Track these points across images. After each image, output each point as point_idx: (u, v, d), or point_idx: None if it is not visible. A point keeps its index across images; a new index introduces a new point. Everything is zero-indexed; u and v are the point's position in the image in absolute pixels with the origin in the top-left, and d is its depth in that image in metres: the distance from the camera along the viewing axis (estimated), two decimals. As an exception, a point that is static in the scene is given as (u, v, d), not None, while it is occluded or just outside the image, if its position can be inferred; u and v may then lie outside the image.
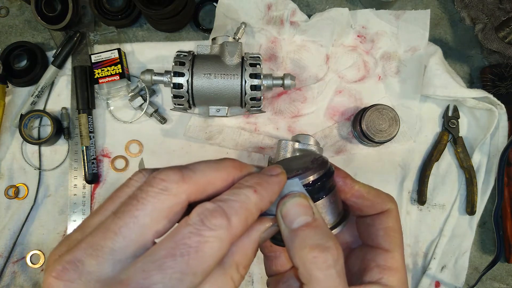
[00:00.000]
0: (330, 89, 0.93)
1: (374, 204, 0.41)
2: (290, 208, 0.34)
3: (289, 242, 0.33)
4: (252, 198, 0.31)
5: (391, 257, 0.38)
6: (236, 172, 0.33)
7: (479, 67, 0.98)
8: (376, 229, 0.40)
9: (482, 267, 0.91)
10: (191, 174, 0.30)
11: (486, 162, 0.92)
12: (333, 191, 0.38)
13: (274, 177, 0.34)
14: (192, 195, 0.30)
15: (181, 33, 0.98)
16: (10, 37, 0.99)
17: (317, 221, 0.33)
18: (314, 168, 0.36)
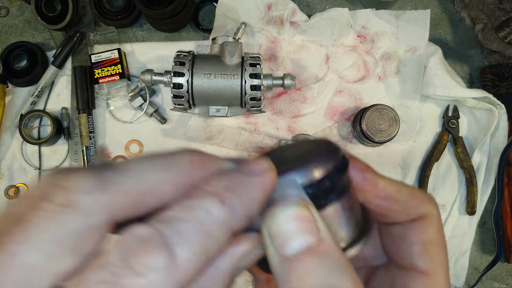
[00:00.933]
0: (330, 89, 0.93)
1: (406, 208, 0.29)
2: (282, 223, 0.22)
3: (281, 278, 0.21)
4: (217, 214, 0.20)
5: (432, 283, 0.27)
6: (197, 171, 0.22)
7: (479, 67, 0.98)
8: (410, 243, 0.28)
9: (482, 267, 0.91)
10: (116, 178, 0.20)
11: (486, 162, 0.92)
12: (348, 193, 0.27)
13: (256, 177, 0.22)
14: (119, 212, 0.19)
15: (181, 33, 0.98)
16: (10, 37, 0.99)
17: (325, 243, 0.22)
18: (319, 159, 0.25)
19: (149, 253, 0.18)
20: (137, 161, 0.21)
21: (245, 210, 0.21)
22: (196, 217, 0.19)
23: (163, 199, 0.21)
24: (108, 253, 0.18)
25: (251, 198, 0.21)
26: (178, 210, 0.20)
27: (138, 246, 0.18)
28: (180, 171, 0.21)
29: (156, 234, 0.18)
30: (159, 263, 0.17)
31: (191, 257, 0.18)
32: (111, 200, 0.19)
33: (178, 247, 0.18)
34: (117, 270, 0.17)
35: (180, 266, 0.18)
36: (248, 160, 0.23)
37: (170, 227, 0.19)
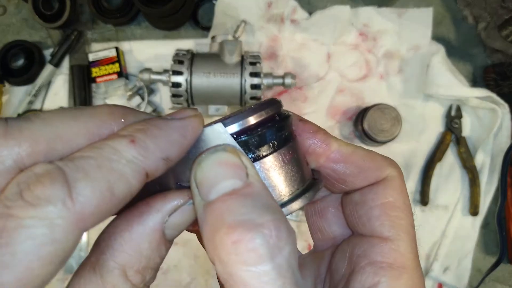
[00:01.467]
0: (331, 88, 0.92)
1: (363, 172, 0.27)
2: (207, 170, 0.21)
3: (202, 223, 0.20)
4: (125, 152, 0.19)
5: (392, 248, 0.25)
6: (114, 121, 0.21)
7: (482, 66, 0.97)
8: (369, 208, 0.26)
9: (485, 269, 0.90)
10: (23, 125, 0.19)
11: (489, 162, 0.91)
12: (290, 146, 0.25)
13: (176, 121, 0.22)
14: (28, 158, 0.19)
15: (180, 31, 0.97)
16: (7, 36, 0.98)
17: (252, 186, 0.21)
18: (255, 109, 0.24)
19: (43, 185, 0.17)
20: (49, 112, 0.20)
21: (159, 150, 0.20)
22: (102, 154, 0.19)
23: (77, 148, 0.20)
24: (5, 189, 0.18)
25: (167, 140, 0.21)
26: (84, 150, 0.19)
27: (36, 180, 0.17)
28: (94, 120, 0.20)
29: (54, 169, 0.18)
30: (53, 195, 0.17)
31: (92, 192, 0.18)
32: (19, 146, 0.19)
33: (78, 182, 0.18)
34: (11, 202, 0.17)
35: (78, 200, 0.17)
36: (179, 110, 0.23)
37: (71, 163, 0.18)
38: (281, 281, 0.18)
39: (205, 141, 0.23)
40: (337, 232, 0.31)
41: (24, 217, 0.17)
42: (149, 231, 0.21)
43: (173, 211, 0.22)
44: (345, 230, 0.30)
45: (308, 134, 0.27)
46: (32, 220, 0.17)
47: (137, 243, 0.21)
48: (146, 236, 0.21)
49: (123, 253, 0.21)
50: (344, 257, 0.27)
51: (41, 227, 0.17)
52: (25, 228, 0.16)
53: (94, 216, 0.18)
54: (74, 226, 0.17)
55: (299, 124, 0.27)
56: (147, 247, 0.21)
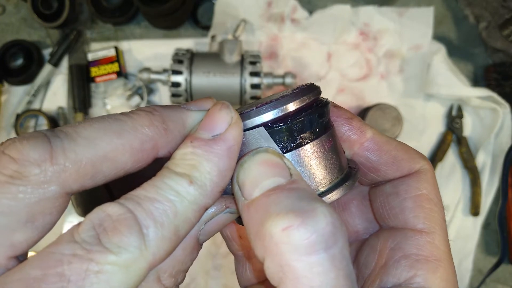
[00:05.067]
0: (331, 87, 0.92)
1: (397, 162, 0.26)
2: (249, 170, 0.21)
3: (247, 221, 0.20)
4: (187, 194, 0.19)
5: (428, 241, 0.24)
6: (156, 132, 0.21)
7: (483, 65, 0.96)
8: (402, 199, 0.25)
9: (486, 269, 0.89)
10: (68, 147, 0.18)
11: (490, 162, 0.90)
12: (329, 133, 0.25)
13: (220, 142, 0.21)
14: (73, 182, 0.19)
15: (179, 31, 0.96)
16: (6, 35, 0.98)
17: (296, 182, 0.20)
18: (294, 94, 0.23)
19: (121, 232, 0.18)
20: (88, 126, 0.19)
21: (215, 186, 0.20)
22: (166, 198, 0.19)
23: (122, 167, 0.20)
24: (79, 230, 0.18)
25: (219, 171, 0.20)
26: (147, 189, 0.19)
27: (110, 225, 0.18)
28: (137, 135, 0.20)
29: (128, 214, 0.18)
30: (131, 243, 0.18)
31: (161, 238, 0.18)
32: (63, 170, 0.18)
33: (150, 229, 0.18)
34: (89, 246, 0.17)
35: (151, 246, 0.18)
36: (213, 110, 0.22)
37: (140, 208, 0.18)
38: (334, 273, 0.17)
39: (244, 143, 0.22)
40: (360, 226, 0.30)
41: (104, 263, 0.17)
42: (185, 239, 0.21)
43: (209, 219, 0.22)
44: (369, 224, 0.29)
45: (343, 120, 0.26)
46: (111, 266, 0.17)
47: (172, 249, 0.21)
48: (182, 243, 0.21)
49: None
50: (374, 251, 0.26)
51: (119, 273, 0.17)
52: (104, 274, 0.17)
53: (163, 257, 0.19)
54: (146, 269, 0.18)
55: (333, 110, 0.27)
56: (181, 253, 0.22)
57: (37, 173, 0.18)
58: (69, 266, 0.16)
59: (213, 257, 0.88)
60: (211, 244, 0.88)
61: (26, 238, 0.19)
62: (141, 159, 0.21)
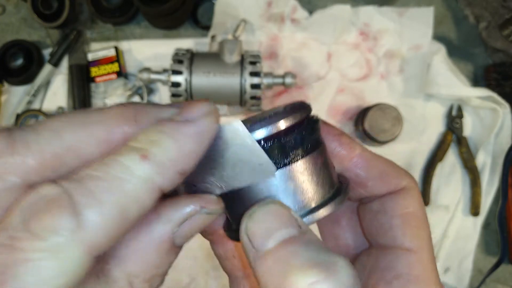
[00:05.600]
0: (331, 88, 0.92)
1: (384, 176, 0.27)
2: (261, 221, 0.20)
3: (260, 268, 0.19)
4: (137, 170, 0.18)
5: (417, 259, 0.25)
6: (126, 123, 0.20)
7: (483, 65, 0.96)
8: (390, 217, 0.26)
9: (486, 269, 0.89)
10: (28, 139, 0.18)
11: (490, 162, 0.91)
12: (320, 150, 0.25)
13: (189, 124, 0.19)
14: (35, 174, 0.18)
15: (179, 31, 0.96)
16: (6, 35, 0.98)
17: (308, 234, 0.21)
18: (285, 113, 0.23)
19: (51, 214, 0.16)
20: (55, 119, 0.19)
21: (174, 165, 0.19)
22: (111, 174, 0.17)
23: (88, 158, 0.19)
24: (10, 215, 0.16)
25: (180, 150, 0.19)
26: (93, 167, 0.18)
27: (41, 207, 0.16)
28: (103, 126, 0.19)
29: (62, 194, 0.16)
30: (61, 226, 0.16)
31: (102, 219, 0.17)
32: (23, 162, 0.17)
33: (87, 209, 0.16)
34: (16, 233, 0.16)
35: (88, 228, 0.16)
36: (191, 103, 0.21)
37: (79, 186, 0.17)
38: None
39: (223, 139, 0.21)
40: (351, 240, 0.30)
41: (29, 250, 0.15)
42: (157, 241, 0.20)
43: (184, 220, 0.21)
44: (359, 239, 0.30)
45: (333, 137, 0.27)
46: (39, 254, 0.15)
47: (144, 252, 0.20)
48: (155, 245, 0.20)
49: (129, 262, 0.20)
50: (363, 270, 0.27)
51: (49, 260, 0.16)
52: (31, 262, 0.15)
53: (106, 242, 0.17)
54: (84, 254, 0.16)
55: (323, 127, 0.27)
56: (156, 256, 0.20)
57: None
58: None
59: (213, 257, 0.87)
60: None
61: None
62: (107, 150, 0.19)
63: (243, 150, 0.22)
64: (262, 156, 0.22)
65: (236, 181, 0.23)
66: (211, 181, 0.22)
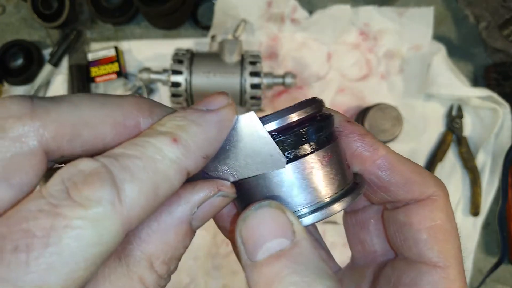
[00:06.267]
0: (331, 87, 0.92)
1: (409, 183, 0.25)
2: (252, 227, 0.21)
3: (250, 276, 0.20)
4: (168, 152, 0.19)
5: (443, 276, 0.24)
6: (141, 112, 0.21)
7: (483, 65, 0.96)
8: (416, 231, 0.25)
9: (486, 269, 0.89)
10: (50, 106, 0.18)
11: (490, 163, 0.90)
12: (332, 146, 0.25)
13: (212, 113, 0.21)
14: (52, 141, 0.18)
15: (179, 31, 0.96)
16: (6, 35, 0.98)
17: (299, 245, 0.20)
18: (297, 107, 0.24)
19: (93, 185, 0.17)
20: (74, 95, 0.20)
21: (199, 149, 0.20)
22: (146, 154, 0.18)
23: (102, 138, 0.20)
24: (48, 184, 0.17)
25: (205, 136, 0.20)
26: (126, 147, 0.19)
27: (83, 178, 0.17)
28: (121, 110, 0.20)
29: (101, 168, 0.17)
30: (103, 196, 0.17)
31: (139, 194, 0.17)
32: (45, 128, 0.18)
33: (126, 183, 0.17)
34: (57, 200, 0.16)
35: (126, 202, 0.17)
36: (211, 96, 0.22)
37: (117, 163, 0.18)
38: None
39: (237, 130, 0.22)
40: (378, 246, 0.29)
41: (72, 218, 0.16)
42: (177, 222, 0.21)
43: (201, 202, 0.22)
44: (386, 246, 0.29)
45: (355, 136, 0.26)
46: (81, 221, 0.16)
47: (164, 233, 0.21)
48: (174, 227, 0.21)
49: (150, 243, 0.20)
50: (388, 282, 0.26)
51: (89, 228, 0.16)
52: (73, 229, 0.16)
53: (139, 217, 0.18)
54: (120, 227, 0.17)
55: (346, 125, 0.27)
56: (174, 238, 0.21)
57: (16, 126, 0.18)
58: (35, 221, 0.16)
59: (213, 257, 0.88)
60: (211, 244, 0.88)
61: (1, 197, 0.18)
62: (122, 135, 0.20)
63: (256, 140, 0.23)
64: (273, 148, 0.23)
65: (247, 170, 0.23)
66: (224, 169, 0.23)
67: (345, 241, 0.32)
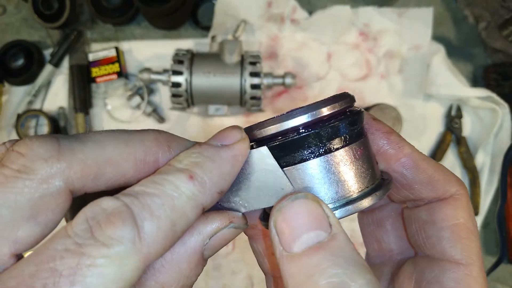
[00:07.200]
0: (331, 88, 0.92)
1: (433, 181, 0.25)
2: (290, 218, 0.20)
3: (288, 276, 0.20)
4: (186, 189, 0.19)
5: (466, 273, 0.24)
6: (160, 148, 0.22)
7: (483, 65, 0.96)
8: (439, 229, 0.25)
9: (485, 269, 0.89)
10: (74, 147, 0.19)
11: (489, 163, 0.91)
12: (360, 142, 0.25)
13: (226, 148, 0.21)
14: (77, 181, 0.19)
15: (179, 31, 0.97)
16: (7, 36, 0.98)
17: (337, 239, 0.20)
18: (327, 101, 0.24)
19: (115, 224, 0.17)
20: (98, 132, 0.21)
21: (214, 185, 0.21)
22: (164, 192, 0.19)
23: (124, 174, 0.21)
24: (73, 223, 0.18)
25: (220, 172, 0.21)
26: (145, 185, 0.19)
27: (105, 217, 0.18)
28: (142, 147, 0.21)
29: (123, 207, 0.18)
30: (124, 235, 0.17)
31: (157, 232, 0.18)
32: (70, 168, 0.19)
33: (145, 221, 0.18)
34: (82, 240, 0.17)
35: (146, 239, 0.18)
36: (224, 130, 0.23)
37: (137, 201, 0.18)
38: None
39: (250, 164, 0.23)
40: (394, 245, 0.29)
41: (96, 257, 0.17)
42: (190, 252, 0.21)
43: (214, 233, 0.22)
44: (404, 245, 0.29)
45: (381, 133, 0.26)
46: (104, 260, 0.17)
47: (178, 263, 0.21)
48: (187, 257, 0.21)
49: (164, 273, 0.21)
50: (409, 279, 0.26)
51: (111, 266, 0.17)
52: (97, 267, 0.17)
53: (158, 253, 0.19)
54: (140, 264, 0.18)
55: (372, 123, 0.27)
56: (187, 267, 0.21)
57: (43, 168, 0.18)
58: (61, 261, 0.16)
59: (213, 257, 0.88)
60: (211, 244, 0.88)
61: (29, 234, 0.19)
62: (142, 171, 0.21)
63: (268, 174, 0.23)
64: (285, 182, 0.23)
65: (259, 202, 0.24)
66: (236, 201, 0.24)
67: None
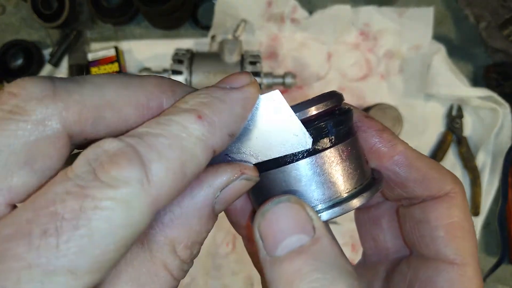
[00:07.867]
0: (332, 87, 0.92)
1: (426, 179, 0.25)
2: (273, 222, 0.20)
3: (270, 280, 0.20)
4: (194, 129, 0.18)
5: (460, 274, 0.24)
6: (163, 93, 0.20)
7: (483, 65, 0.96)
8: (433, 228, 0.25)
9: (486, 269, 0.89)
10: (72, 88, 0.18)
11: (490, 163, 0.90)
12: (349, 141, 0.24)
13: (236, 90, 0.20)
14: (76, 124, 0.18)
15: (179, 31, 0.96)
16: (6, 35, 0.98)
17: (320, 241, 0.20)
18: (316, 100, 0.23)
19: (121, 165, 0.16)
20: (95, 75, 0.19)
21: (224, 126, 0.19)
22: (171, 132, 0.18)
23: (125, 120, 0.19)
24: (73, 166, 0.16)
25: (230, 113, 0.20)
26: (150, 126, 0.18)
27: (108, 158, 0.16)
28: (143, 91, 0.19)
29: (127, 147, 0.17)
30: (131, 176, 0.16)
31: (167, 173, 0.17)
32: (67, 110, 0.17)
33: (153, 162, 0.17)
34: (84, 182, 0.16)
35: (154, 181, 0.16)
36: (234, 74, 0.21)
37: (142, 142, 0.17)
38: None
39: (260, 110, 0.22)
40: (390, 243, 0.29)
41: (102, 199, 0.15)
42: (200, 206, 0.20)
43: (224, 186, 0.21)
44: (400, 244, 0.29)
45: (373, 131, 0.26)
46: (110, 202, 0.15)
47: (187, 218, 0.20)
48: (197, 211, 0.20)
49: (173, 228, 0.20)
50: (403, 279, 0.26)
51: (119, 209, 0.15)
52: (103, 210, 0.15)
53: (168, 197, 0.17)
54: (149, 207, 0.16)
55: (364, 120, 0.26)
56: (197, 222, 0.20)
57: (38, 108, 0.17)
58: (63, 204, 0.15)
59: (213, 257, 0.88)
60: (211, 244, 0.88)
61: (24, 181, 0.17)
62: (146, 117, 0.20)
63: (280, 119, 0.22)
64: (299, 127, 0.22)
65: (271, 151, 0.23)
66: (247, 151, 0.22)
67: (345, 241, 0.32)
